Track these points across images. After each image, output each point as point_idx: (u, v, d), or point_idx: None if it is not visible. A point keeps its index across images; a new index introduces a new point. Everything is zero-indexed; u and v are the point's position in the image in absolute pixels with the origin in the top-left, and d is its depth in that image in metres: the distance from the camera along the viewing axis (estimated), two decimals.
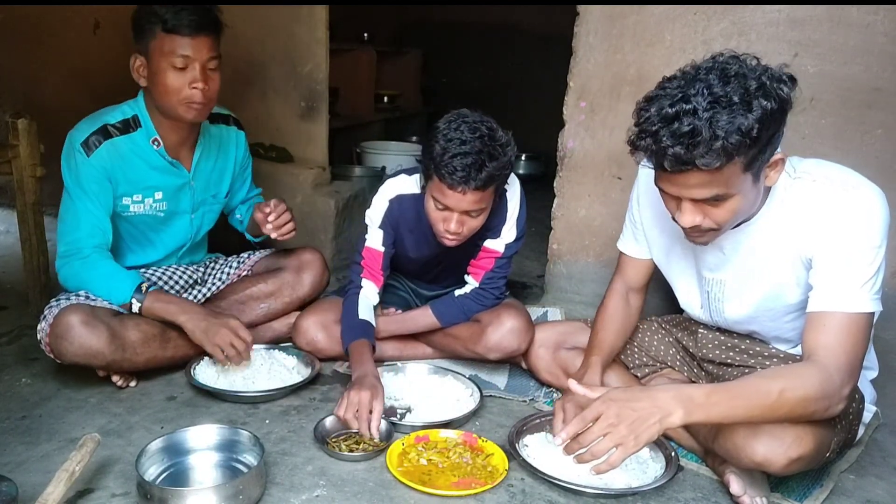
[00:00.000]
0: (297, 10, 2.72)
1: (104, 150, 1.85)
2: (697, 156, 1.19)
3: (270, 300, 2.14)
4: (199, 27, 1.78)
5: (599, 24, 2.25)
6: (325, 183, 2.92)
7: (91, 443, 1.38)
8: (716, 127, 1.17)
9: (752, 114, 1.18)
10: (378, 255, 2.01)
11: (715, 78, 1.21)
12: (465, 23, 5.50)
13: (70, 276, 1.86)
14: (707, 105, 1.19)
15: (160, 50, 1.77)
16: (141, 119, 1.91)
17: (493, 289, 2.02)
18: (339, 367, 2.08)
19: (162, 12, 1.76)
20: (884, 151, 1.98)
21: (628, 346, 1.86)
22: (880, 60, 1.93)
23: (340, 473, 1.53)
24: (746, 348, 1.64)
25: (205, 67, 1.81)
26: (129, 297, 1.82)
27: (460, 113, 1.73)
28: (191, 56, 1.78)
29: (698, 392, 1.27)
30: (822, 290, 1.35)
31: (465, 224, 1.78)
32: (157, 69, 1.79)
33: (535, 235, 3.05)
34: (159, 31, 1.76)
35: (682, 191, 1.30)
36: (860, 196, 1.33)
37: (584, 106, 2.33)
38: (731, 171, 1.23)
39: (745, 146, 1.19)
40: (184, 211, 2.07)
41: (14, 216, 2.37)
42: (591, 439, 1.26)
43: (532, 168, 4.97)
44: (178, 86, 1.79)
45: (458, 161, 1.64)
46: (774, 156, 1.29)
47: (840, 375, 1.28)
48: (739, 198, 1.29)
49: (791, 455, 1.33)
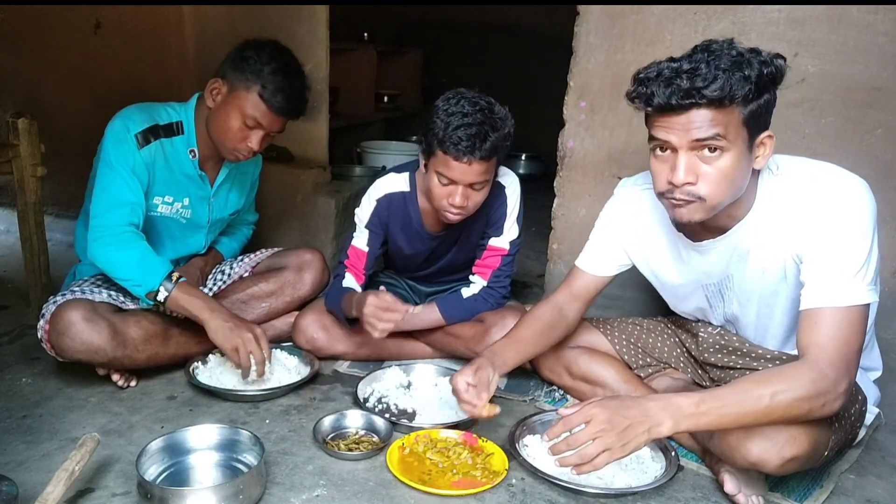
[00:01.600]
0: (297, 10, 2.72)
1: (154, 148, 1.89)
2: (702, 86, 1.24)
3: (272, 299, 2.15)
4: (286, 112, 1.87)
5: (599, 24, 2.25)
6: (325, 183, 2.92)
7: (91, 442, 1.38)
8: (719, 66, 1.25)
9: (749, 67, 1.25)
10: (362, 255, 2.04)
11: (713, 44, 1.29)
12: (466, 22, 5.50)
13: (101, 253, 1.80)
14: (708, 54, 1.27)
15: (242, 105, 1.83)
16: (185, 126, 1.95)
17: (500, 287, 2.03)
18: (340, 367, 2.08)
19: (267, 80, 1.82)
20: (884, 151, 1.98)
21: (632, 347, 1.87)
22: (880, 60, 1.93)
23: (341, 473, 1.54)
24: (748, 351, 1.64)
25: (268, 135, 1.90)
26: (158, 284, 1.78)
27: (458, 91, 1.77)
28: (262, 126, 1.86)
29: (688, 402, 1.27)
30: (812, 286, 1.34)
31: (470, 198, 1.79)
32: (228, 113, 1.85)
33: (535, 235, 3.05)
34: (254, 88, 1.82)
35: (681, 134, 1.30)
36: (843, 188, 1.35)
37: (584, 106, 2.33)
38: (732, 117, 1.27)
39: (746, 90, 1.25)
40: (202, 225, 2.10)
41: (15, 216, 2.37)
42: (581, 442, 1.26)
43: (532, 168, 4.97)
44: (237, 137, 1.87)
45: (462, 132, 1.68)
46: (766, 133, 1.33)
47: (834, 371, 1.28)
48: (732, 158, 1.30)
49: (785, 455, 1.33)
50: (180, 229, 2.06)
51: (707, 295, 1.64)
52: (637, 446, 1.26)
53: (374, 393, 1.89)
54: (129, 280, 1.80)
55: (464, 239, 2.06)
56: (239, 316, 1.88)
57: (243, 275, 2.23)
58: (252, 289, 2.14)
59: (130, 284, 1.80)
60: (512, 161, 4.86)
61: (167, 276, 1.80)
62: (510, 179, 2.00)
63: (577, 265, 1.78)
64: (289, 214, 2.86)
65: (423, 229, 2.03)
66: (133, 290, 1.81)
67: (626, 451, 1.26)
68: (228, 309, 1.89)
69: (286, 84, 1.83)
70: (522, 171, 4.88)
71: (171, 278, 1.80)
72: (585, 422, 1.27)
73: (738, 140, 1.29)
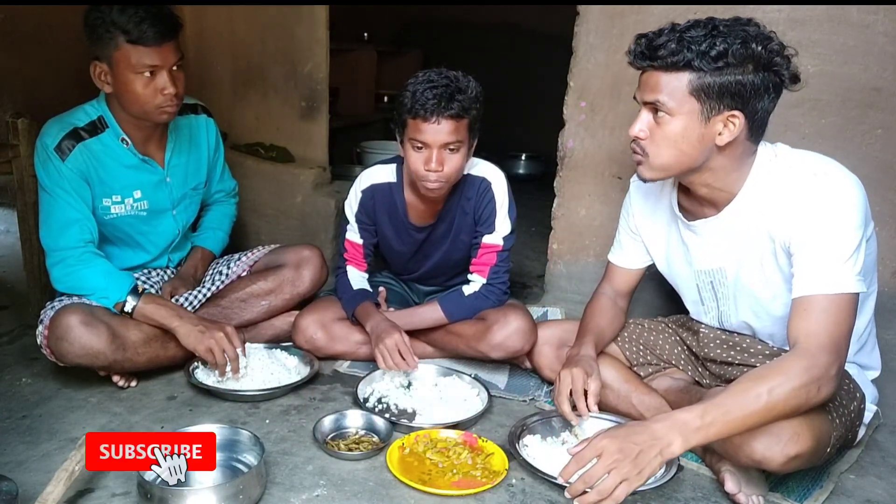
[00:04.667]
0: (297, 10, 2.72)
1: (78, 154, 1.83)
2: (651, 48, 1.34)
3: (271, 297, 2.14)
4: (163, 36, 1.75)
5: (599, 24, 2.25)
6: (325, 183, 2.92)
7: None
8: (682, 35, 1.31)
9: (719, 39, 1.29)
10: (358, 247, 2.11)
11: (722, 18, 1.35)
12: (466, 22, 5.50)
13: (63, 276, 1.82)
14: (691, 24, 1.35)
15: (125, 61, 1.75)
16: (107, 119, 1.89)
17: (500, 283, 2.04)
18: (340, 367, 2.08)
19: (122, 22, 1.71)
20: (884, 151, 1.98)
21: (634, 344, 1.87)
22: (880, 60, 1.93)
23: (341, 473, 1.54)
24: (748, 346, 1.65)
25: (172, 71, 1.80)
26: (124, 295, 1.81)
27: (425, 70, 1.85)
28: (158, 65, 1.77)
29: (691, 416, 1.27)
30: (802, 275, 1.36)
31: (446, 162, 1.82)
32: (123, 80, 1.77)
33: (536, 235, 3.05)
34: (122, 42, 1.73)
35: (641, 92, 1.41)
36: (833, 180, 1.37)
37: (584, 106, 2.33)
38: (677, 84, 1.33)
39: (695, 62, 1.30)
40: (165, 209, 2.06)
41: (14, 216, 2.37)
42: (596, 477, 1.24)
43: (532, 168, 4.97)
44: (148, 94, 1.79)
45: (429, 93, 1.75)
46: (732, 112, 1.34)
47: (825, 355, 1.29)
48: (679, 124, 1.36)
49: (789, 452, 1.33)
50: (144, 223, 2.03)
51: (698, 284, 1.65)
52: (653, 471, 1.25)
53: (374, 393, 1.89)
54: (93, 295, 1.82)
55: (454, 236, 2.07)
56: (206, 318, 1.91)
57: (241, 274, 2.21)
58: (251, 287, 2.14)
59: (97, 297, 1.82)
60: (512, 161, 4.86)
61: (132, 289, 1.82)
62: (495, 174, 2.01)
63: (610, 259, 1.87)
64: (288, 214, 2.86)
65: (409, 221, 2.04)
66: (101, 303, 1.83)
67: (644, 478, 1.24)
68: (199, 315, 1.92)
69: (140, 12, 1.71)
70: (522, 171, 4.88)
71: (136, 291, 1.83)
72: (597, 456, 1.26)
73: (685, 107, 1.34)
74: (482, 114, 1.86)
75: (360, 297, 2.04)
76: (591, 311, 1.84)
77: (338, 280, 2.13)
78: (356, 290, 2.06)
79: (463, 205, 2.01)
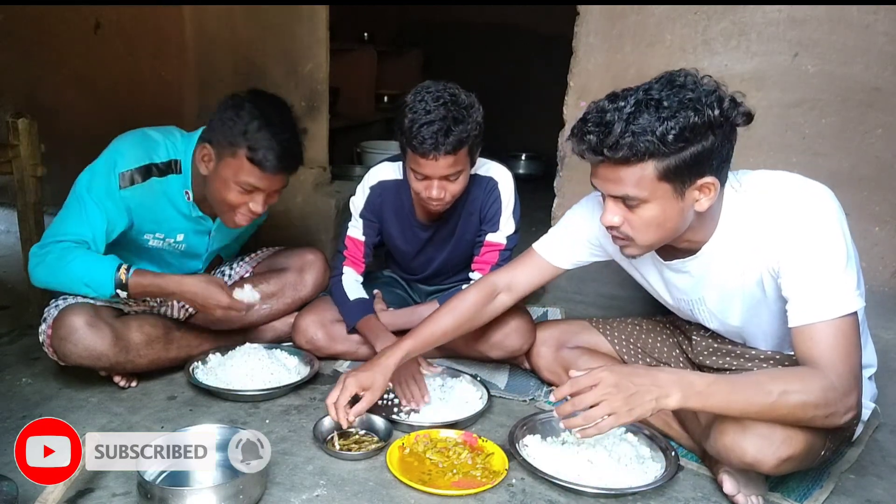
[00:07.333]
0: (297, 10, 2.72)
1: (139, 190, 1.78)
2: (606, 146, 1.26)
3: (273, 300, 2.13)
4: (282, 170, 1.74)
5: (599, 24, 2.25)
6: (325, 183, 2.92)
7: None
8: (632, 124, 1.24)
9: (673, 120, 1.22)
10: (359, 244, 2.07)
11: (658, 84, 1.27)
12: (466, 22, 5.50)
13: (42, 264, 1.71)
14: (634, 104, 1.25)
15: (235, 170, 1.71)
16: (182, 166, 1.84)
17: None
18: (340, 367, 2.08)
19: (254, 140, 1.68)
20: (884, 151, 1.98)
21: (632, 346, 1.87)
22: (880, 60, 1.93)
23: (341, 473, 1.54)
24: (742, 353, 1.64)
25: (269, 197, 1.80)
26: (112, 277, 1.68)
27: (424, 85, 1.79)
28: (261, 189, 1.75)
29: (700, 380, 1.29)
30: (799, 302, 1.32)
31: (447, 189, 1.81)
32: (223, 179, 1.74)
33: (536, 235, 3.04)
34: (242, 153, 1.69)
35: (602, 184, 1.35)
36: (806, 197, 1.35)
37: (584, 106, 2.30)
38: (643, 174, 1.27)
39: (657, 150, 1.23)
40: (198, 254, 2.06)
41: (15, 216, 2.37)
42: (586, 403, 1.26)
43: (532, 168, 4.97)
44: (237, 204, 1.77)
45: (425, 130, 1.70)
46: (705, 179, 1.30)
47: (843, 384, 1.27)
48: (655, 208, 1.31)
49: (781, 455, 1.33)
50: (175, 257, 2.02)
51: (679, 307, 1.65)
52: (643, 413, 1.26)
53: None
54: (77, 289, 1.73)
55: (459, 235, 2.06)
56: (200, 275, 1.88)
57: (244, 275, 2.21)
58: None
59: (82, 284, 1.71)
60: (512, 161, 4.85)
61: (118, 266, 1.71)
62: (502, 174, 2.01)
63: (535, 247, 1.77)
64: (289, 214, 2.86)
65: (415, 218, 2.04)
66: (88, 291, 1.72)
67: (632, 417, 1.25)
68: None
69: (274, 140, 1.69)
70: (522, 171, 4.88)
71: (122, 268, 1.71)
72: (593, 385, 1.27)
73: (657, 193, 1.30)
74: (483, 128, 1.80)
75: (359, 309, 2.00)
76: (451, 307, 1.74)
77: (333, 287, 2.09)
78: (353, 300, 2.02)
79: (469, 205, 2.01)
